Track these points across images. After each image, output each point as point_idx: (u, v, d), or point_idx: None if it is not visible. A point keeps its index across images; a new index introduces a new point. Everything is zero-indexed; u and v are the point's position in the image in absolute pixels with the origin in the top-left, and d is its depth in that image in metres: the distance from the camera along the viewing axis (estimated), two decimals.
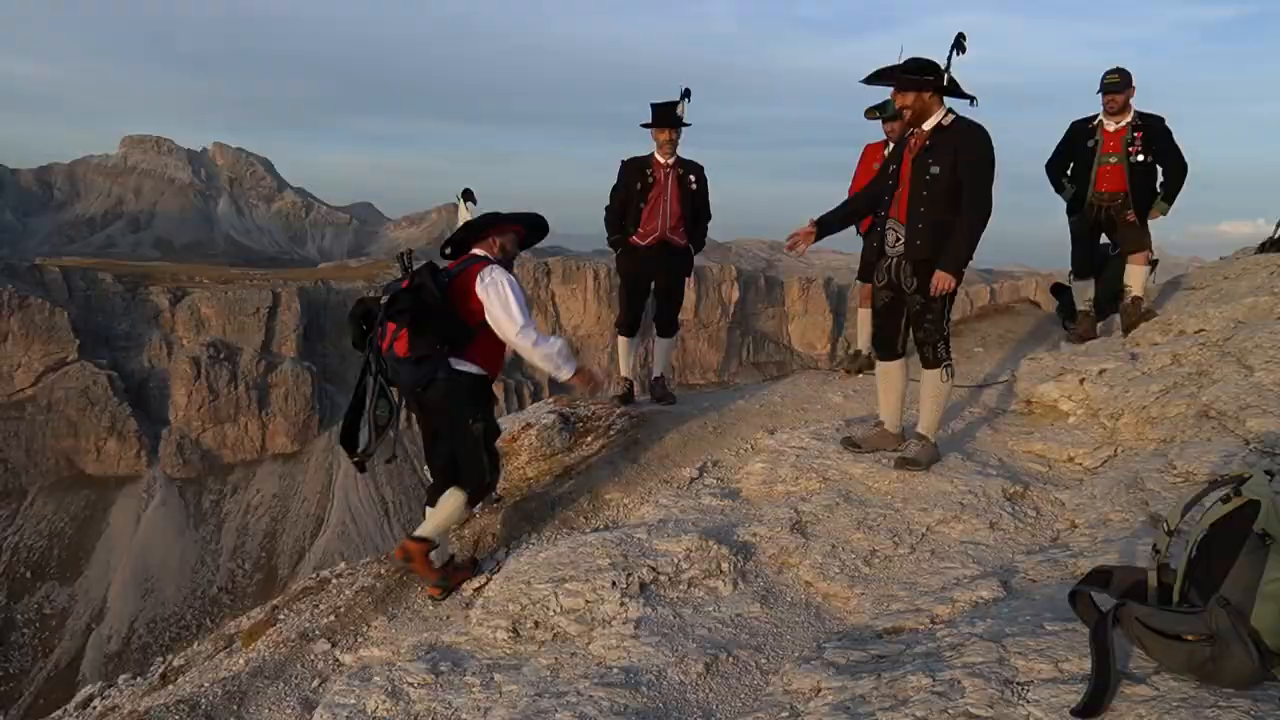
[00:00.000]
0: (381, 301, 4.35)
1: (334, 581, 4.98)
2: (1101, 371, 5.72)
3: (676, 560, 4.12)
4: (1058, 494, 4.57)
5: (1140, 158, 6.57)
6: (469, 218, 4.68)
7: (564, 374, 4.55)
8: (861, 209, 5.05)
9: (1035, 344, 8.16)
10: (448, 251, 4.75)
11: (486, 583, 4.41)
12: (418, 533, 4.46)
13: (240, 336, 76.82)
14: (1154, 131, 6.59)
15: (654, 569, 4.05)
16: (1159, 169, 6.68)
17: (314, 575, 5.38)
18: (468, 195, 4.86)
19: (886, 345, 5.03)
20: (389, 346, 4.27)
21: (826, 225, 4.97)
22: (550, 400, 6.87)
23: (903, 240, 4.68)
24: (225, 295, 77.38)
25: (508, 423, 6.48)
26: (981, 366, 7.46)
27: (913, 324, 4.89)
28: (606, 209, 6.49)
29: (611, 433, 6.06)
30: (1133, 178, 6.61)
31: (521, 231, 4.81)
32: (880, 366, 5.16)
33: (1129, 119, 6.62)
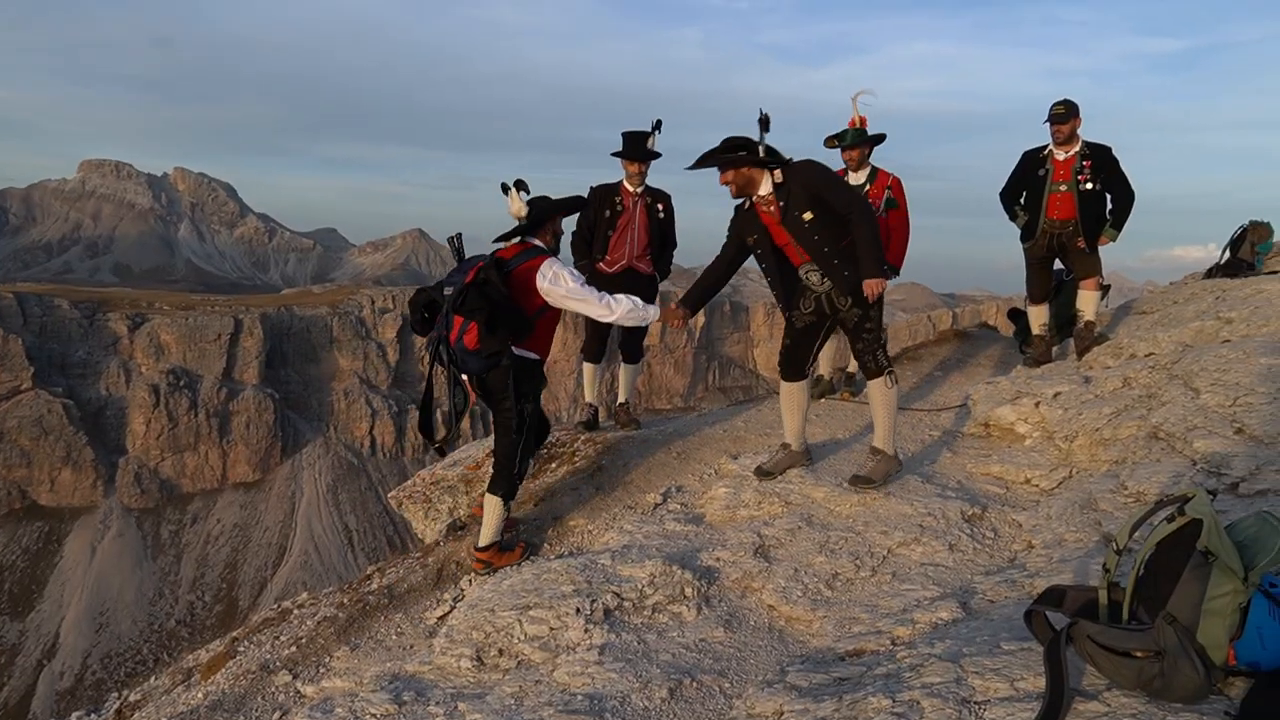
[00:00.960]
0: (445, 292, 4.51)
1: (295, 612, 4.92)
2: (1056, 395, 5.84)
3: (640, 586, 4.13)
4: (1015, 515, 4.65)
5: (1089, 186, 6.73)
6: (520, 206, 4.79)
7: (652, 317, 4.93)
8: (718, 282, 5.28)
9: (993, 368, 8.32)
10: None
11: (450, 611, 4.39)
12: (481, 544, 4.74)
13: (201, 363, 75.76)
14: (1102, 160, 6.76)
15: (618, 595, 4.06)
16: (1108, 197, 6.86)
17: (275, 606, 5.31)
18: (520, 186, 4.90)
19: (796, 366, 5.25)
20: (458, 339, 4.44)
21: (693, 303, 5.19)
22: None
23: (828, 278, 4.89)
24: (186, 321, 76.35)
25: (472, 450, 6.47)
26: (941, 390, 7.58)
27: (852, 338, 5.12)
28: (573, 235, 6.52)
29: (576, 459, 6.07)
30: (1082, 205, 6.76)
31: (566, 212, 5.15)
32: (785, 388, 5.33)
33: (1078, 148, 6.79)
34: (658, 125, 6.32)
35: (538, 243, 4.84)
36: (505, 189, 4.80)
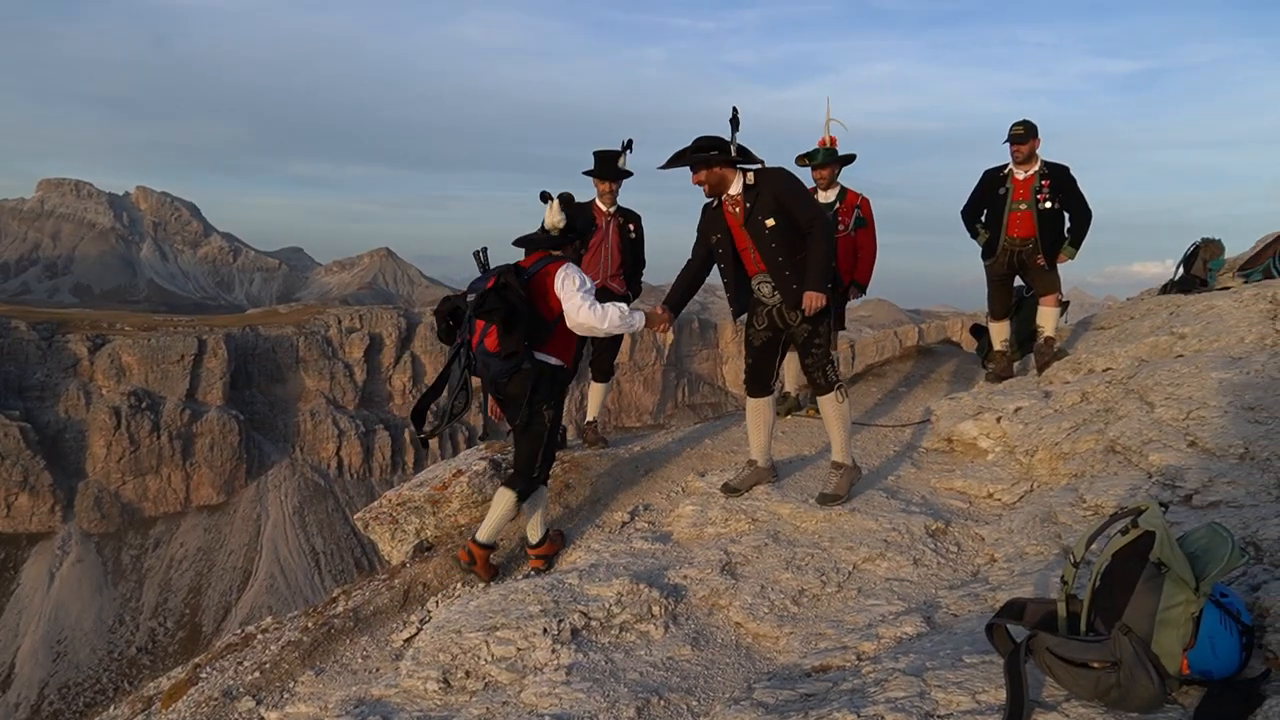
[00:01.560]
0: (468, 299, 4.64)
1: (259, 636, 4.86)
2: (1017, 409, 5.94)
3: (608, 605, 4.13)
4: (978, 529, 4.71)
5: (1048, 205, 6.87)
6: (558, 218, 4.86)
7: (639, 325, 4.91)
8: (695, 281, 5.36)
9: (956, 383, 8.43)
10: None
11: (417, 633, 4.36)
12: (479, 537, 4.83)
13: (164, 385, 74.59)
14: (1060, 180, 6.91)
15: (585, 614, 4.06)
16: (1066, 215, 7.00)
17: (239, 631, 5.24)
18: (566, 200, 5.00)
19: (761, 382, 5.32)
20: (479, 342, 4.64)
21: (675, 305, 5.30)
22: (482, 446, 6.83)
23: (778, 290, 4.98)
24: (148, 342, 75.17)
25: (439, 470, 6.44)
26: (905, 405, 7.67)
27: (801, 353, 5.17)
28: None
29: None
30: (1041, 224, 6.90)
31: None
32: (751, 404, 5.38)
33: (1036, 168, 6.93)
34: (628, 144, 6.36)
35: (557, 253, 4.92)
36: (546, 198, 4.88)
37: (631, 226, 6.54)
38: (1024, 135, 6.84)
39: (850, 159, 7.02)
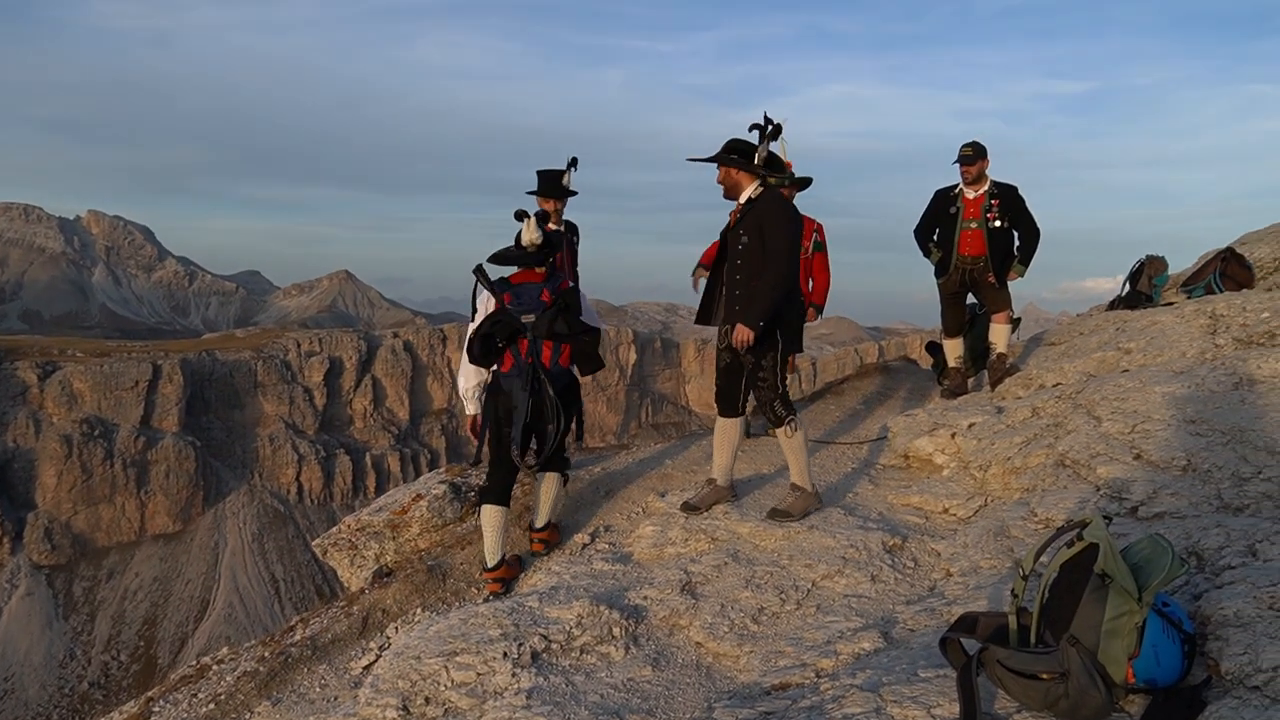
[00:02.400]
0: (525, 320, 4.82)
1: (215, 667, 4.78)
2: (971, 425, 6.04)
3: (568, 627, 4.12)
4: (934, 544, 4.78)
5: (997, 223, 7.02)
6: (535, 235, 4.95)
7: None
8: None
9: (912, 400, 8.54)
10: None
11: (376, 660, 4.32)
12: (539, 524, 5.29)
13: (117, 412, 73.01)
14: (1009, 199, 7.06)
15: (545, 637, 4.05)
16: (1016, 234, 7.15)
17: (194, 662, 5.15)
18: (542, 217, 5.22)
19: (729, 402, 5.32)
20: (552, 361, 4.90)
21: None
22: (442, 470, 6.80)
23: (725, 304, 5.06)
24: (101, 369, 73.60)
25: (398, 495, 6.39)
26: (863, 423, 7.76)
27: (750, 386, 5.17)
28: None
29: None
30: (991, 242, 7.05)
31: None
32: (720, 423, 5.41)
33: (986, 187, 7.09)
34: (574, 163, 6.39)
35: (540, 269, 5.06)
36: (521, 217, 4.99)
37: (575, 239, 6.62)
38: (973, 156, 6.99)
39: (807, 182, 7.02)
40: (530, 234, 4.92)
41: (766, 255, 4.84)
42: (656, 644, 4.12)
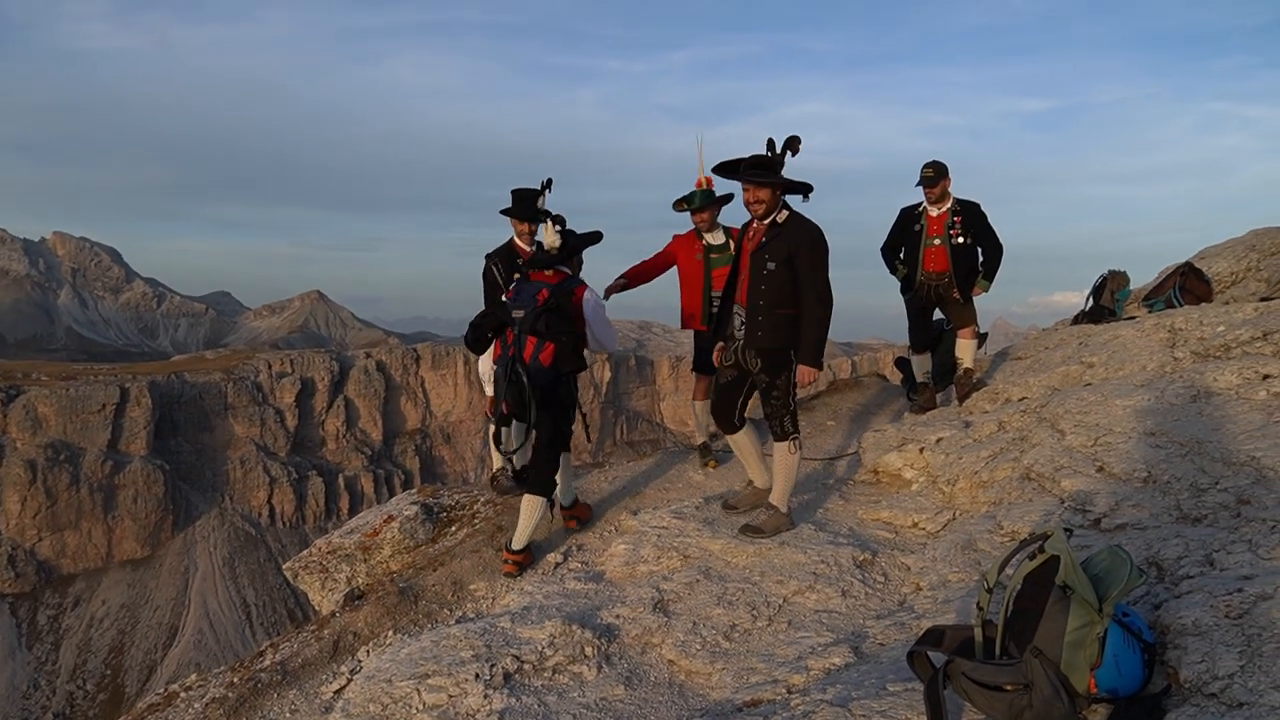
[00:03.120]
0: (515, 315, 5.06)
1: (183, 695, 4.71)
2: (939, 440, 6.11)
3: (540, 647, 4.12)
4: (904, 559, 4.82)
5: (960, 240, 7.14)
6: (554, 239, 5.29)
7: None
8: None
9: (882, 415, 8.62)
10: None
11: (347, 684, 4.28)
12: (515, 546, 5.29)
13: (83, 436, 71.85)
14: (971, 216, 7.18)
15: (518, 658, 4.04)
16: (980, 250, 7.27)
17: (162, 690, 5.07)
18: (558, 220, 5.44)
19: (725, 419, 5.47)
20: (533, 357, 5.02)
21: None
22: (414, 491, 6.78)
23: (746, 330, 5.13)
24: (66, 392, 72.43)
25: (370, 517, 6.36)
26: (833, 439, 7.82)
27: (762, 399, 5.28)
28: (481, 317, 6.26)
29: (476, 521, 6.03)
30: (955, 258, 7.17)
31: (589, 246, 5.65)
32: (730, 440, 5.60)
33: (949, 205, 7.21)
34: (548, 184, 6.39)
35: (567, 270, 5.37)
36: (542, 218, 5.40)
37: None
38: (934, 177, 7.10)
39: (728, 199, 6.83)
40: (548, 237, 5.25)
41: (806, 286, 4.91)
42: (629, 663, 4.12)
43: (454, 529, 6.06)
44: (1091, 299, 9.02)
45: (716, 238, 6.70)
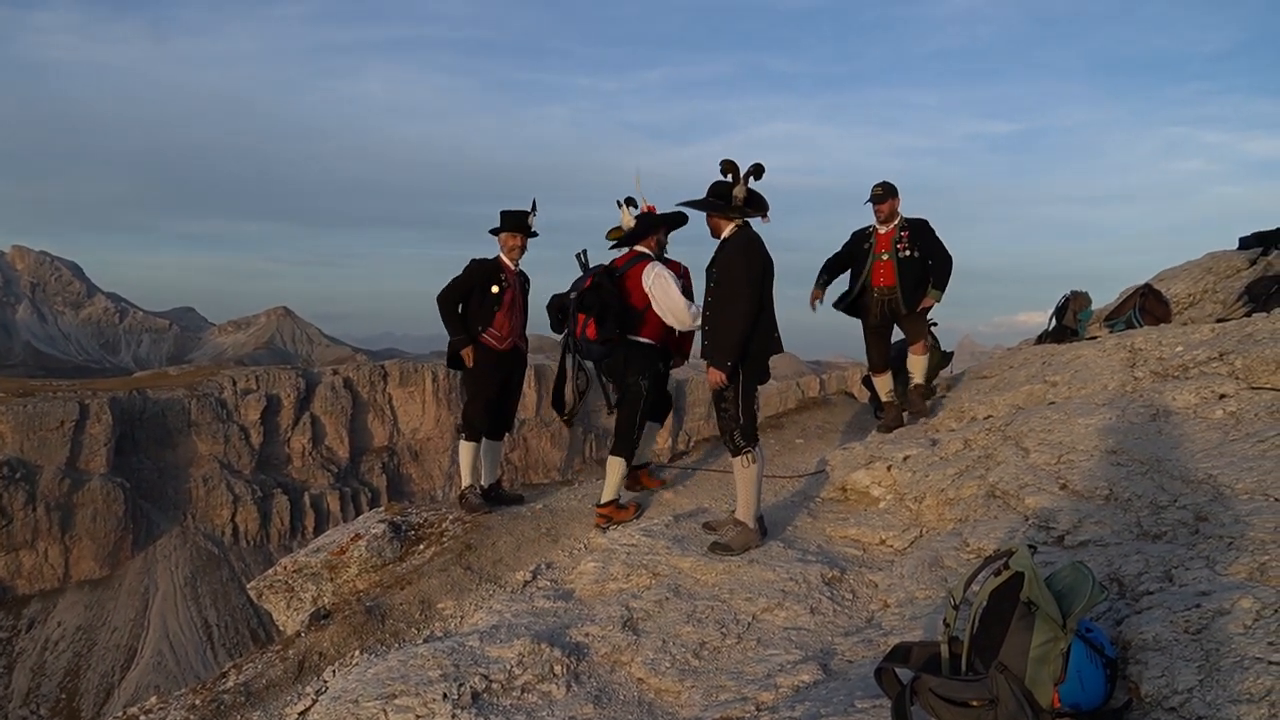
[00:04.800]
0: (570, 297, 5.73)
1: (142, 718, 4.62)
2: (906, 458, 6.17)
3: (509, 666, 4.10)
4: (872, 576, 4.86)
5: (907, 253, 7.24)
6: (630, 221, 6.04)
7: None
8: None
9: (850, 433, 8.69)
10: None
11: (312, 705, 4.22)
12: (604, 500, 6.03)
13: (40, 453, 70.36)
14: (918, 231, 7.29)
15: (486, 677, 4.02)
16: (930, 263, 7.28)
17: (120, 714, 4.97)
18: (630, 202, 6.10)
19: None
20: (581, 332, 5.70)
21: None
22: (381, 509, 6.72)
23: (703, 341, 5.29)
24: (23, 409, 70.96)
25: (336, 535, 6.29)
26: (802, 457, 7.86)
27: (716, 414, 5.33)
28: (445, 302, 6.27)
29: (444, 539, 5.99)
30: (902, 270, 7.25)
31: (668, 227, 6.08)
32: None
33: (897, 223, 7.33)
34: (534, 206, 6.46)
35: (643, 249, 5.96)
36: (619, 204, 6.09)
37: (528, 286, 6.64)
38: (883, 195, 7.25)
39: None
40: (626, 219, 6.03)
41: (726, 293, 5.06)
42: (598, 681, 4.11)
43: (422, 547, 6.01)
44: (1054, 319, 9.15)
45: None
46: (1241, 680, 2.46)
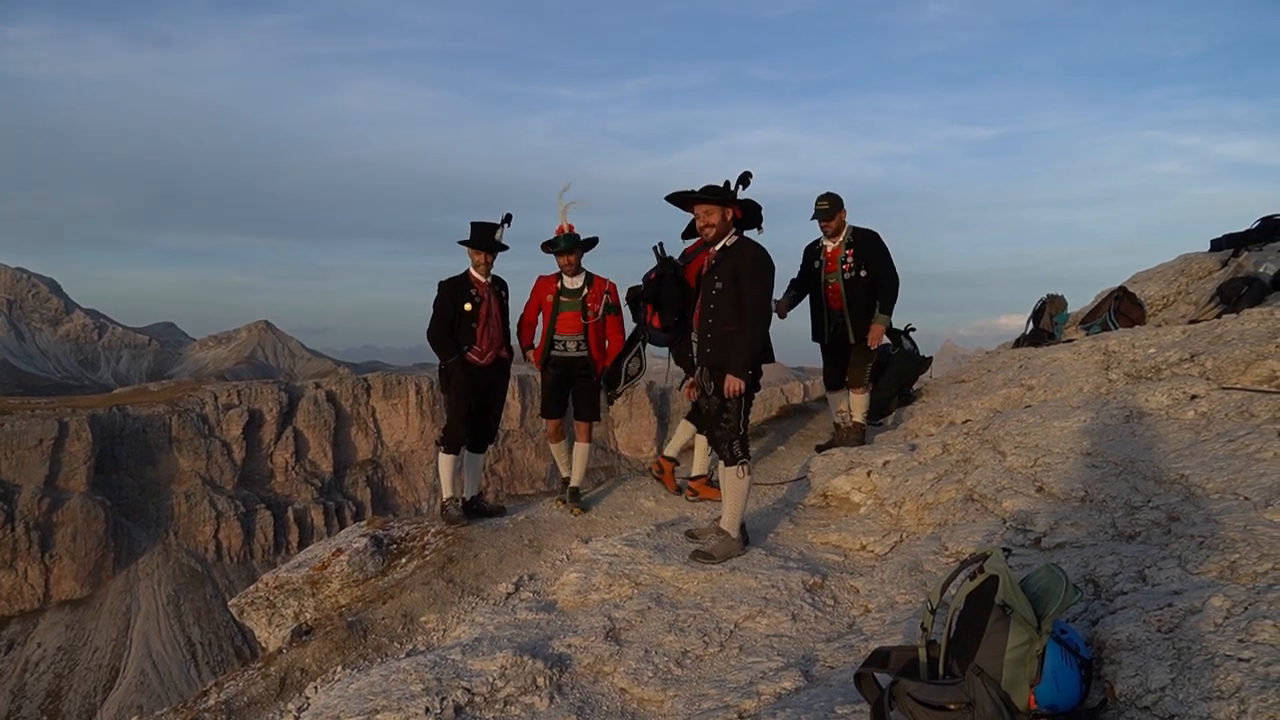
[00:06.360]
0: (640, 291, 6.53)
1: None
2: (885, 463, 6.21)
3: (492, 679, 4.09)
4: (853, 581, 4.88)
5: (851, 274, 6.92)
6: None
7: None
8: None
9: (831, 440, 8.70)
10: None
11: None
12: (667, 452, 7.37)
13: (19, 472, 69.60)
14: (865, 247, 6.93)
15: (469, 690, 4.01)
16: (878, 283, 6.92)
17: None
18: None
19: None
20: (648, 320, 6.54)
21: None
22: (363, 523, 6.69)
23: (698, 349, 5.29)
24: (1, 428, 70.18)
25: (318, 550, 6.26)
26: (783, 463, 7.89)
27: (712, 425, 5.30)
28: (433, 330, 6.33)
29: (427, 553, 5.97)
30: (849, 294, 6.95)
31: (738, 214, 5.49)
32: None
33: (843, 237, 6.99)
34: (507, 219, 6.44)
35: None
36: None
37: (504, 293, 6.65)
38: (829, 210, 6.91)
39: (593, 243, 6.72)
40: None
41: (743, 303, 5.04)
42: (581, 692, 4.11)
43: (404, 561, 5.99)
44: (1031, 323, 9.25)
45: (575, 282, 6.67)
46: (1213, 677, 2.49)
